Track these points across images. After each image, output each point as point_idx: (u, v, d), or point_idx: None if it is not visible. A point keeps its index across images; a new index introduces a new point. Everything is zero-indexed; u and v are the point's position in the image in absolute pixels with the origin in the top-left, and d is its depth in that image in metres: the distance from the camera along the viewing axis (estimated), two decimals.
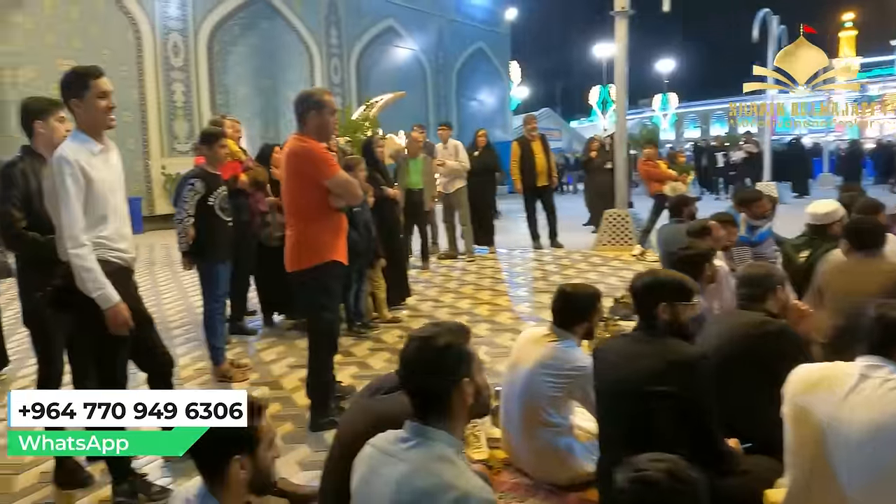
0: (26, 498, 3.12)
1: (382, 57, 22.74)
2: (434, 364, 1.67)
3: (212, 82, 16.93)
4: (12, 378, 4.88)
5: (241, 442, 1.68)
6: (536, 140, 9.32)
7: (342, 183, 3.52)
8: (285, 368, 4.78)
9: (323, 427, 3.60)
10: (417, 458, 1.64)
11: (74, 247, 2.69)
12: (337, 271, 3.65)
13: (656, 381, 2.26)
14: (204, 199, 4.38)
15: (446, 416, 1.69)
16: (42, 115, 3.13)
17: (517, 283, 7.35)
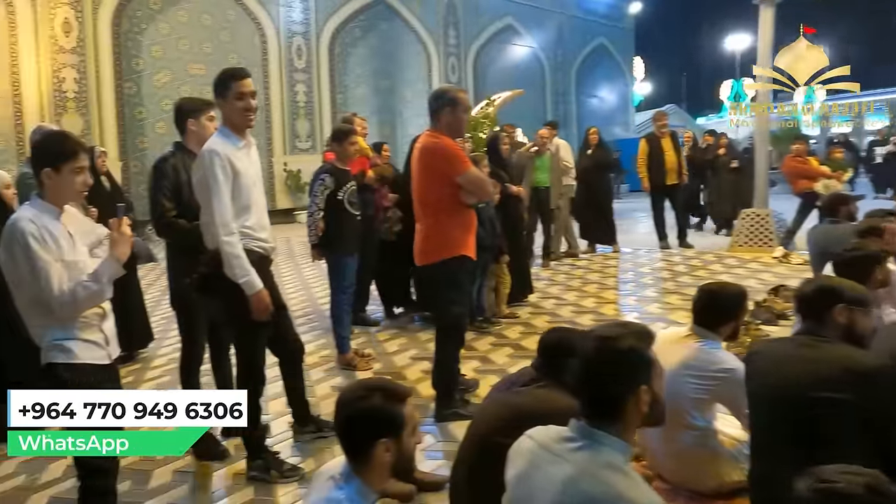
0: (167, 466, 3.39)
1: (500, 55, 22.81)
2: (613, 366, 1.62)
3: (332, 83, 17.70)
4: (153, 356, 5.33)
5: (389, 426, 1.72)
6: (666, 137, 9.07)
7: (474, 179, 3.59)
8: (408, 360, 4.88)
9: (447, 418, 3.64)
10: (584, 462, 1.59)
11: (226, 234, 2.89)
12: (466, 266, 3.72)
13: (828, 387, 2.10)
14: (333, 194, 4.58)
15: (618, 422, 1.63)
16: (194, 114, 3.39)
17: (644, 283, 7.10)
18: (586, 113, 26.91)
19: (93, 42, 13.15)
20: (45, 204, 2.31)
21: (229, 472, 3.29)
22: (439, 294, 3.67)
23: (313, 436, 3.54)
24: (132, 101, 14.05)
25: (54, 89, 12.54)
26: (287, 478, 3.13)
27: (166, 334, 5.84)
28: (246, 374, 3.15)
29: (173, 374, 4.66)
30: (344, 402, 1.79)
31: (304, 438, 3.55)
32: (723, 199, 10.19)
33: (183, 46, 14.76)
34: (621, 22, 28.90)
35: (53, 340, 2.30)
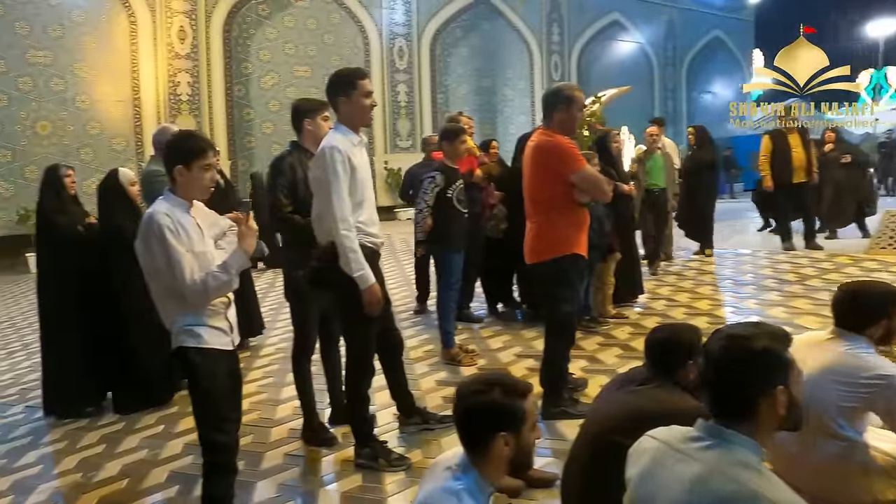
0: (278, 449, 3.58)
1: (605, 52, 22.40)
2: (744, 365, 1.56)
3: (433, 82, 18.00)
4: (262, 345, 5.60)
5: (509, 419, 1.74)
6: (794, 132, 8.53)
7: (589, 178, 3.57)
8: (512, 357, 4.88)
9: (555, 416, 3.61)
10: (714, 460, 1.54)
11: (345, 229, 3.01)
12: (578, 265, 3.71)
13: None
14: (443, 192, 4.69)
15: (750, 423, 1.57)
16: (310, 114, 3.56)
17: (765, 286, 6.72)
18: (698, 109, 25.90)
19: (205, 48, 14.08)
20: (177, 198, 2.50)
21: (338, 459, 3.41)
22: (551, 292, 3.66)
23: (419, 427, 3.61)
24: (241, 103, 14.87)
25: (170, 93, 13.53)
26: (395, 467, 3.20)
27: (274, 325, 6.16)
28: (355, 365, 3.26)
29: (281, 362, 4.95)
30: (463, 394, 1.82)
31: (410, 430, 3.62)
32: (837, 197, 9.41)
33: (289, 50, 15.47)
34: (740, 13, 27.59)
35: (185, 326, 2.48)
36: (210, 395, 2.51)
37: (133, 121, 13.19)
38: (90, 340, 4.34)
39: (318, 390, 3.77)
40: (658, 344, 2.39)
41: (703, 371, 1.66)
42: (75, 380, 4.33)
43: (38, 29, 12.02)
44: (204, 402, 2.55)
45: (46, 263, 4.54)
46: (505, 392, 1.76)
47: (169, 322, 2.52)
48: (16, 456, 3.85)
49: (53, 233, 4.41)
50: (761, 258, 8.29)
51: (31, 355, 5.73)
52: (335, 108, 3.22)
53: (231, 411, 2.61)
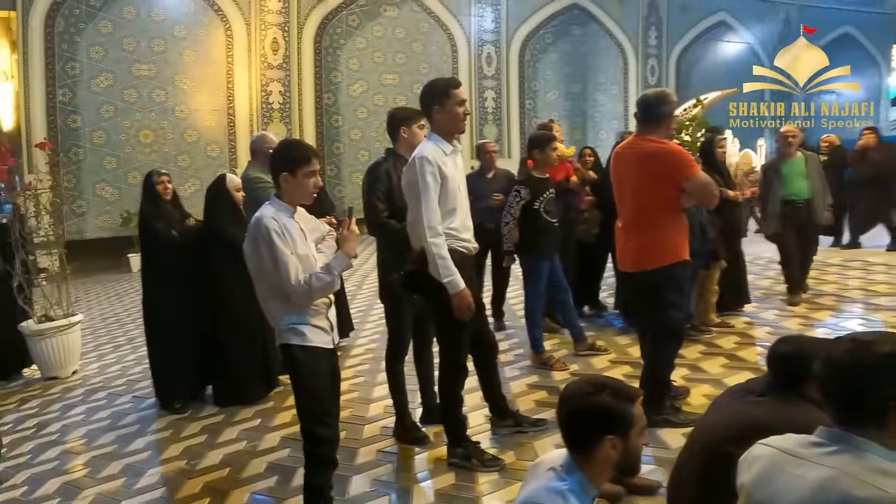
0: (371, 446, 3.76)
1: (707, 53, 21.82)
2: (871, 370, 1.54)
3: (521, 88, 18.09)
4: (352, 345, 5.83)
5: (618, 423, 1.77)
6: None
7: (703, 184, 3.58)
8: (606, 363, 4.89)
9: (657, 424, 3.58)
10: (844, 465, 1.51)
11: (433, 236, 3.15)
12: (687, 270, 3.77)
13: None
14: (530, 204, 4.80)
15: (881, 431, 1.53)
16: (407, 122, 3.73)
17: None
18: (817, 111, 24.67)
19: (296, 58, 14.75)
20: (283, 203, 2.70)
21: (430, 457, 3.54)
22: (662, 298, 3.65)
23: (511, 430, 3.69)
24: (330, 111, 15.47)
25: (262, 101, 14.25)
26: (488, 467, 3.29)
27: (363, 325, 6.41)
28: (449, 367, 3.40)
29: (371, 362, 5.19)
30: (570, 395, 1.85)
31: (503, 432, 3.70)
32: None
33: (377, 59, 15.96)
34: (876, 6, 26.15)
35: (289, 324, 2.68)
36: (313, 390, 2.70)
37: (227, 128, 13.97)
38: (188, 338, 4.66)
39: (410, 390, 3.91)
40: (785, 356, 2.33)
41: (824, 377, 1.61)
42: (175, 375, 4.69)
43: (144, 44, 12.96)
44: (307, 397, 2.74)
45: (146, 264, 4.94)
46: (614, 395, 1.80)
47: (274, 321, 2.73)
48: (126, 442, 4.20)
49: (151, 237, 4.79)
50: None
51: (137, 349, 6.21)
52: (429, 117, 3.37)
53: (332, 406, 2.80)
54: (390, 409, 3.89)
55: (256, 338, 4.62)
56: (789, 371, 2.27)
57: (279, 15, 14.42)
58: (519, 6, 18.06)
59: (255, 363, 4.66)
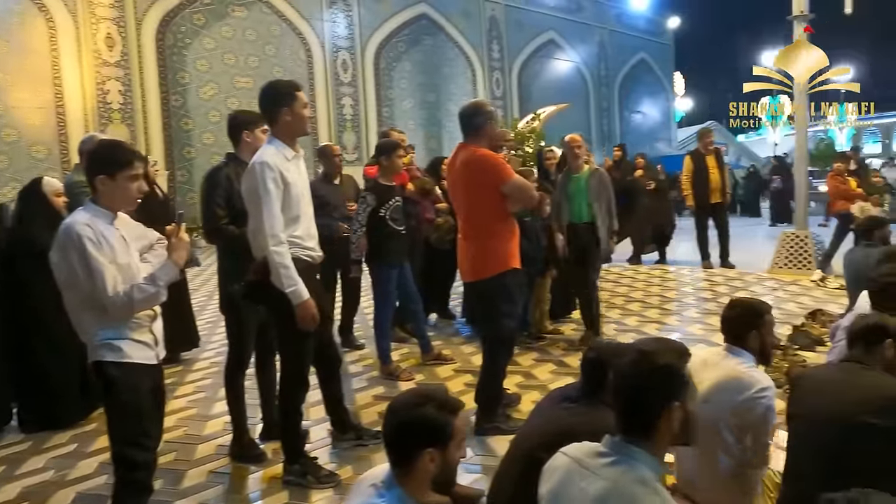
0: (203, 466, 3.48)
1: (543, 69, 22.93)
2: (648, 380, 1.62)
3: (378, 96, 18.02)
4: (196, 358, 5.46)
5: (438, 435, 1.73)
6: (711, 155, 8.92)
7: (518, 187, 3.60)
8: (451, 372, 4.91)
9: (487, 432, 3.65)
10: (616, 478, 1.59)
11: (276, 244, 2.96)
12: (519, 279, 3.76)
13: (868, 413, 2.11)
14: (375, 211, 4.68)
15: (650, 437, 1.63)
16: (250, 126, 3.51)
17: (687, 303, 7.00)
18: (630, 129, 26.79)
19: (137, 56, 13.67)
20: (99, 208, 2.40)
21: (265, 476, 3.35)
22: (494, 308, 3.67)
23: (353, 443, 3.59)
24: (178, 113, 14.50)
25: (99, 101, 13.06)
26: (323, 483, 3.17)
27: (210, 338, 6.01)
28: (290, 380, 3.22)
29: (215, 377, 4.81)
30: (396, 408, 1.80)
31: (343, 445, 3.60)
32: (640, 223, 9.54)
33: (229, 60, 15.20)
34: (661, 37, 28.81)
35: (104, 339, 2.38)
36: (130, 409, 2.41)
37: (57, 128, 12.64)
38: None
39: (252, 405, 3.70)
40: (590, 362, 2.40)
41: (613, 386, 1.70)
42: None
43: None
44: (123, 417, 2.43)
45: None
46: (439, 407, 1.75)
47: (86, 336, 2.41)
48: None
49: None
50: (685, 276, 8.63)
51: None
52: (271, 120, 3.14)
53: (152, 427, 2.51)
54: (230, 426, 3.64)
55: (70, 354, 3.97)
56: (596, 377, 2.33)
57: (112, 9, 13.25)
58: (370, 13, 17.95)
59: (72, 381, 4.11)
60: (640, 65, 27.72)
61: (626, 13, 26.92)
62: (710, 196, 8.75)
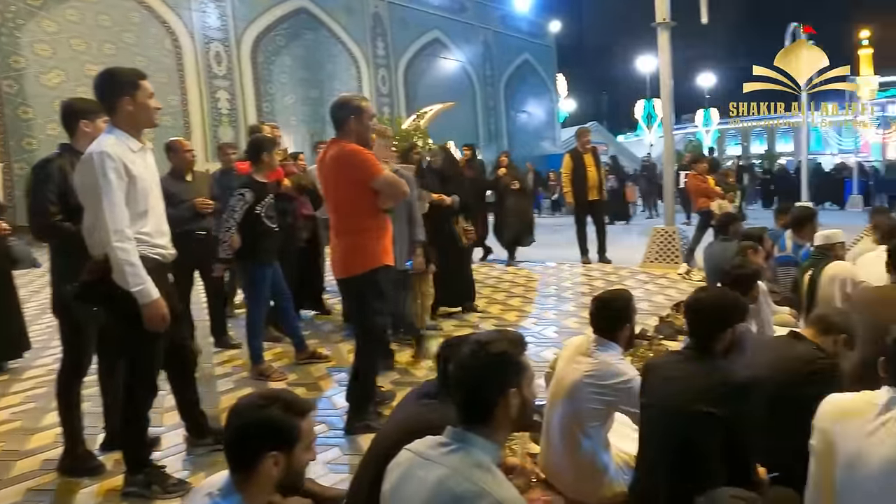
0: (21, 484, 3.14)
1: (430, 68, 23.11)
2: (485, 370, 1.67)
3: (257, 91, 17.45)
4: (27, 366, 5.01)
5: (283, 438, 1.68)
6: (589, 153, 9.26)
7: (388, 182, 3.56)
8: (324, 371, 4.79)
9: (358, 430, 3.59)
10: (455, 463, 1.63)
11: (120, 240, 2.74)
12: (390, 275, 3.72)
13: (707, 403, 2.25)
14: (251, 209, 4.51)
15: (489, 424, 1.68)
16: (89, 115, 3.24)
17: (565, 297, 7.25)
18: (517, 128, 27.57)
19: None
20: None
21: (101, 489, 3.08)
22: (365, 305, 3.62)
23: (209, 448, 3.40)
24: (14, 101, 13.36)
25: None
26: (170, 493, 2.97)
27: (48, 343, 5.52)
28: (136, 385, 3.00)
29: (49, 386, 4.34)
30: (239, 410, 1.73)
31: (199, 451, 3.41)
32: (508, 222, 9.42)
33: (77, 46, 14.18)
34: (543, 39, 29.90)
35: None
36: None
37: None
38: None
39: (92, 414, 3.44)
40: (446, 358, 2.37)
41: (453, 378, 1.73)
42: None
43: None
44: None
45: None
46: (286, 408, 1.70)
47: None
48: None
49: None
50: (564, 271, 8.93)
51: None
52: (111, 109, 2.91)
53: None
54: (62, 437, 3.31)
55: None
56: None
57: None
58: (245, 5, 17.36)
59: None
60: (524, 66, 28.59)
61: (509, 15, 27.68)
62: (588, 193, 9.09)
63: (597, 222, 9.34)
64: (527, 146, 27.13)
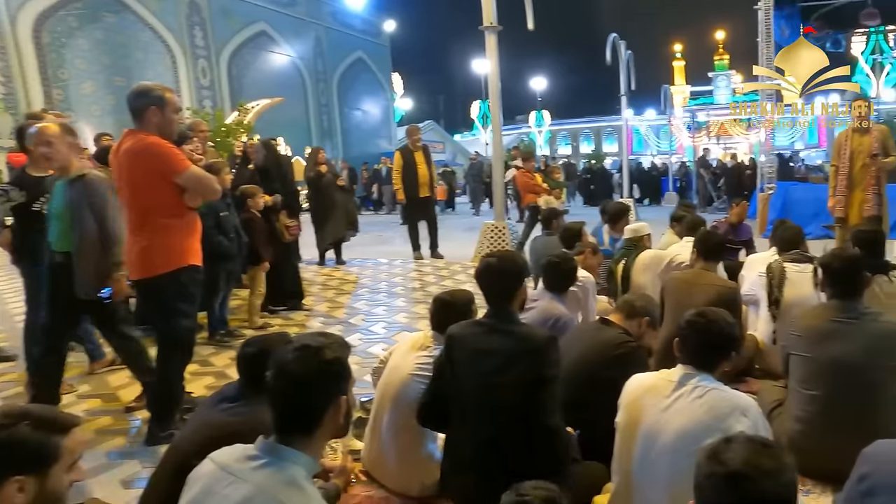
0: None
1: (257, 61, 22.38)
2: (317, 377, 1.59)
3: (44, 75, 15.87)
4: None
5: (30, 460, 1.51)
6: (419, 151, 9.43)
7: (197, 178, 3.38)
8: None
9: (161, 441, 3.37)
10: (263, 481, 1.53)
11: None
12: (198, 276, 3.54)
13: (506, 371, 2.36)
14: (26, 206, 4.15)
15: (312, 433, 1.61)
16: None
17: (395, 293, 7.32)
18: (351, 126, 27.51)
19: None
20: None
21: None
22: (168, 307, 3.42)
23: None
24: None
25: None
26: None
27: None
28: None
29: None
30: None
31: None
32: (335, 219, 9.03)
33: None
34: (378, 38, 30.16)
35: None
36: None
37: None
38: None
39: None
40: (249, 358, 2.33)
41: (272, 387, 1.62)
42: None
43: None
44: None
45: None
46: (36, 425, 1.53)
47: None
48: None
49: None
50: (396, 267, 9.05)
51: None
52: None
53: None
54: None
55: None
56: (257, 373, 2.17)
57: None
58: None
59: None
60: (358, 63, 28.60)
61: (341, 11, 27.55)
62: (419, 190, 9.28)
63: (428, 219, 9.54)
64: (362, 144, 27.18)
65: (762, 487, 1.25)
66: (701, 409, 2.11)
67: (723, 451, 1.32)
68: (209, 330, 5.36)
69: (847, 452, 1.93)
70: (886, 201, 6.77)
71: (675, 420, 2.12)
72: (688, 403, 2.14)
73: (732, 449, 1.31)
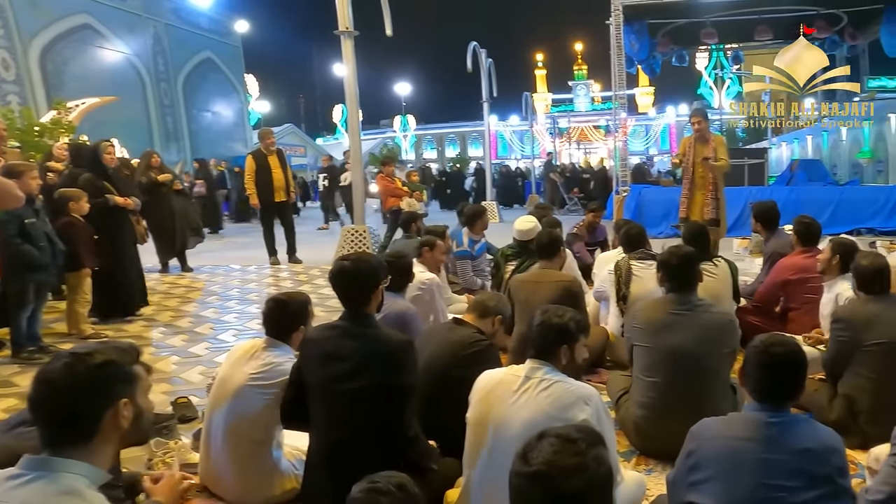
0: None
1: (80, 57, 20.74)
2: (85, 383, 1.52)
3: None
4: None
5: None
6: (273, 154, 9.33)
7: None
8: None
9: None
10: (33, 495, 1.42)
11: None
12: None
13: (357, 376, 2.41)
14: None
15: (90, 442, 1.53)
16: None
17: (249, 299, 7.15)
18: (200, 128, 26.43)
19: None
20: None
21: None
22: None
23: None
24: None
25: None
26: None
27: None
28: None
29: None
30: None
31: None
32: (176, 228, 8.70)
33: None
34: (228, 38, 29.24)
35: None
36: None
37: None
38: None
39: None
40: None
41: (37, 398, 1.54)
42: None
43: None
44: None
45: None
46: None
47: None
48: None
49: None
50: (250, 273, 8.85)
51: None
52: None
53: None
54: None
55: None
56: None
57: None
58: None
59: None
60: (206, 63, 27.50)
61: (184, 8, 26.38)
62: (274, 195, 9.17)
63: (284, 223, 9.49)
64: (214, 147, 26.04)
65: (566, 486, 1.31)
66: (546, 400, 2.22)
67: (531, 448, 1.38)
68: (13, 347, 4.95)
69: (685, 434, 2.13)
70: (724, 204, 7.53)
71: (522, 412, 2.22)
72: (534, 396, 2.25)
73: (539, 447, 1.37)
